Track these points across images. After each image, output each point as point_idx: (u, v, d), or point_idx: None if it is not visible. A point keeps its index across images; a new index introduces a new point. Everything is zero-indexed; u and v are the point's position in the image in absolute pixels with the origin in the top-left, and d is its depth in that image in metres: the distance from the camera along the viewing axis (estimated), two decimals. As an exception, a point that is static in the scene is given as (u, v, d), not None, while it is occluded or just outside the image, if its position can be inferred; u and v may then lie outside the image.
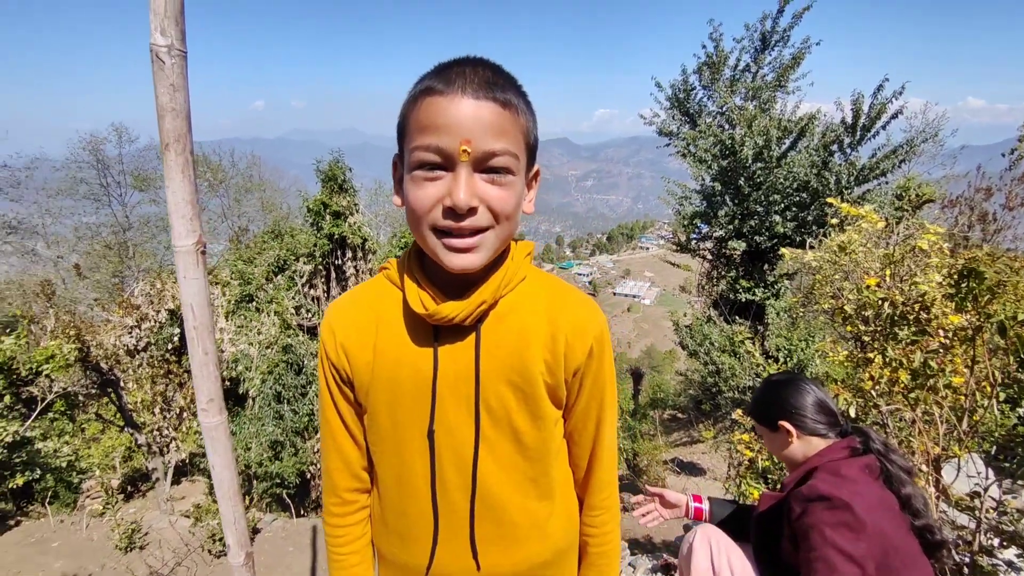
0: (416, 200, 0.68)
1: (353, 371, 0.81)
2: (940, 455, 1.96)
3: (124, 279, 16.36)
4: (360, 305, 0.83)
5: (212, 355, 0.94)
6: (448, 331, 0.77)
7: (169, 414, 7.74)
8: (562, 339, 0.79)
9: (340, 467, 0.88)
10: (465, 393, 0.78)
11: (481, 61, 0.69)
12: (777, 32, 8.66)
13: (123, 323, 7.26)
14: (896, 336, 2.13)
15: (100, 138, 16.84)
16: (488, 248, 0.70)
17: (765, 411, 1.43)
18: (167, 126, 0.82)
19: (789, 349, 7.59)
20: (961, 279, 1.82)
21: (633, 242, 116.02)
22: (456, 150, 0.64)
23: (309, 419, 7.69)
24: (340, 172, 8.00)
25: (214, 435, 0.98)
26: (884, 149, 7.70)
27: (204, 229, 3.83)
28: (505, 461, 0.81)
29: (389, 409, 0.80)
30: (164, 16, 0.78)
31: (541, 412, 0.80)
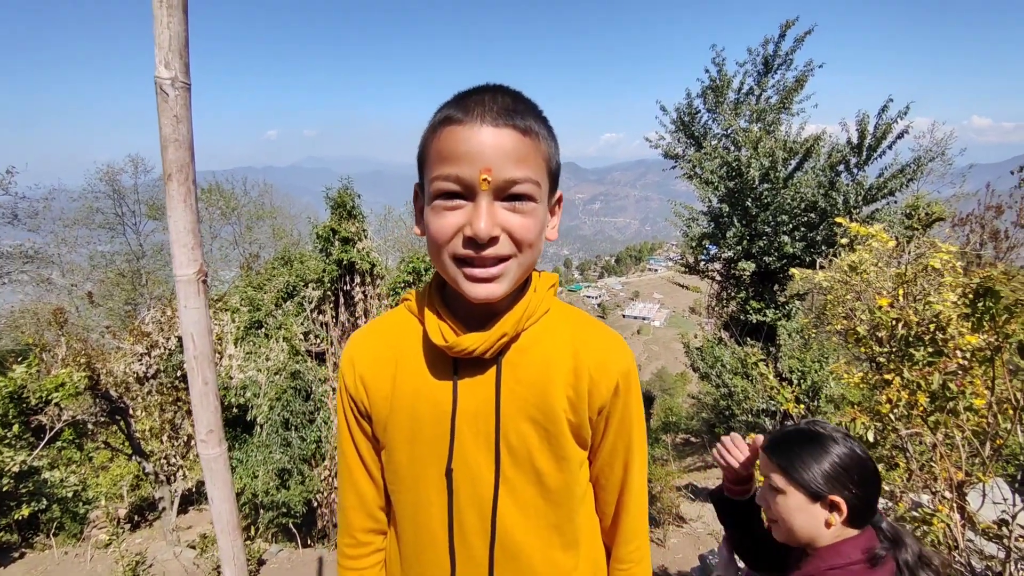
0: (437, 230, 0.67)
1: (371, 404, 0.79)
2: (964, 481, 1.89)
3: (136, 306, 16.59)
4: (380, 337, 0.82)
5: (212, 385, 0.93)
6: (468, 364, 0.75)
7: (177, 442, 7.72)
8: (586, 375, 0.75)
9: (356, 505, 0.85)
10: (485, 430, 0.75)
11: (500, 88, 0.68)
12: (779, 56, 8.77)
13: (133, 350, 7.31)
14: (912, 357, 2.07)
15: (117, 169, 17.34)
16: (511, 277, 0.69)
17: (827, 472, 1.00)
18: (170, 156, 0.83)
19: (802, 371, 7.45)
20: (977, 298, 1.78)
21: (641, 264, 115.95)
22: (476, 179, 0.63)
23: (316, 446, 7.62)
24: (349, 198, 8.10)
25: (213, 467, 0.96)
26: (892, 168, 7.69)
27: (216, 256, 3.86)
28: (527, 505, 0.76)
29: (407, 445, 0.78)
30: (168, 50, 0.80)
31: (565, 452, 0.76)
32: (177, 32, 0.80)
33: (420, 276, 8.78)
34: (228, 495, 0.98)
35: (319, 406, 7.81)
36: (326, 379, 8.04)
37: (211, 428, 0.94)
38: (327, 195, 8.27)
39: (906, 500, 2.08)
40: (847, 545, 0.99)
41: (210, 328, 0.91)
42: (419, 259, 8.96)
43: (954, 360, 1.83)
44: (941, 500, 1.88)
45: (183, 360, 7.43)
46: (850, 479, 1.00)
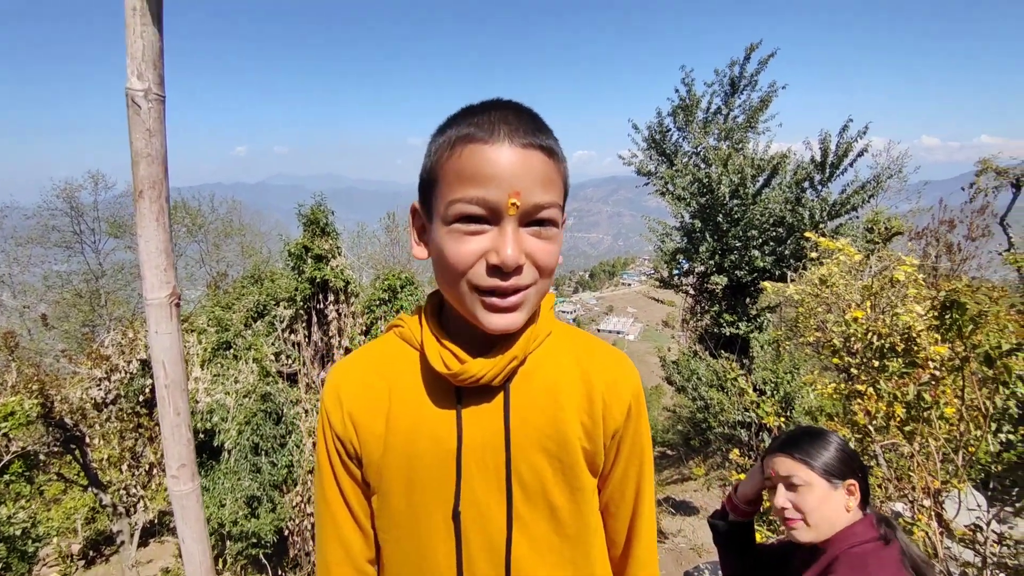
0: (455, 255, 0.61)
1: (362, 445, 0.71)
2: (940, 489, 1.92)
3: (95, 328, 15.86)
4: (369, 367, 0.74)
5: (184, 416, 0.86)
6: (472, 393, 0.69)
7: (138, 471, 7.34)
8: (599, 399, 0.71)
9: (341, 559, 0.74)
10: (494, 465, 0.69)
11: (518, 105, 0.65)
12: (745, 77, 9.13)
13: (91, 375, 6.96)
14: (886, 368, 2.12)
15: (75, 185, 16.70)
16: (530, 306, 0.65)
17: (839, 456, 1.11)
18: (142, 172, 0.78)
19: (775, 382, 7.60)
20: (944, 310, 1.84)
21: (615, 279, 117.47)
22: (504, 203, 0.59)
23: (288, 471, 7.35)
24: (322, 215, 7.98)
25: (185, 504, 0.89)
26: (853, 185, 8.02)
27: (181, 275, 3.71)
28: (541, 543, 0.71)
29: (405, 489, 0.70)
30: (141, 60, 0.75)
31: (580, 483, 0.71)
32: (151, 42, 0.76)
33: (395, 294, 8.66)
34: (201, 535, 0.91)
35: (291, 429, 7.55)
36: (298, 401, 7.80)
37: (183, 462, 0.87)
38: (299, 212, 8.13)
39: (886, 510, 2.11)
40: (859, 526, 1.06)
41: (183, 355, 0.85)
42: (394, 276, 8.85)
43: (927, 371, 1.88)
44: (920, 509, 1.92)
45: (145, 384, 7.13)
46: (856, 463, 1.12)
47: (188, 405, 0.85)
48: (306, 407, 7.73)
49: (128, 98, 0.76)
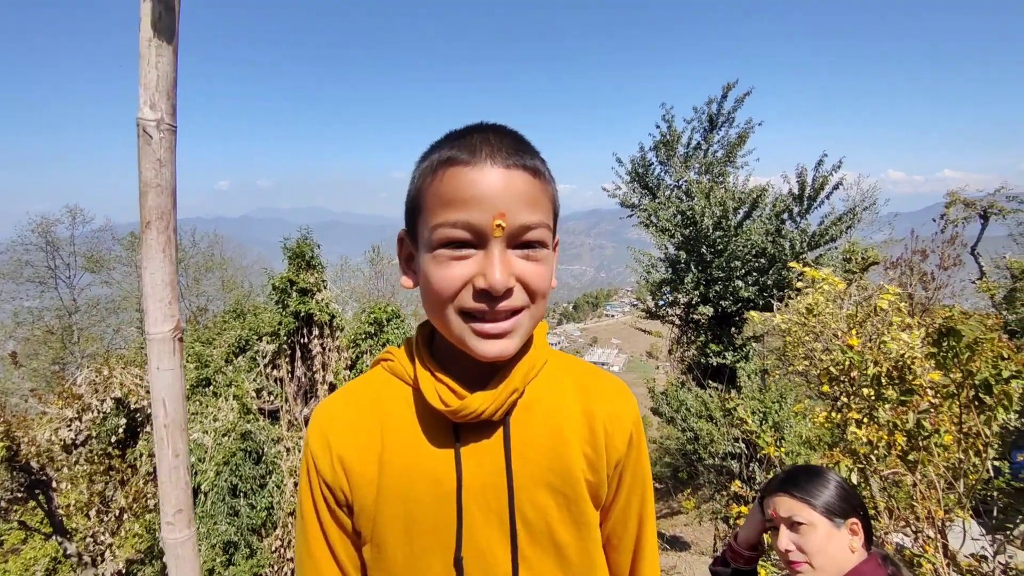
0: (441, 281, 0.59)
1: (353, 491, 0.66)
2: (944, 519, 1.91)
3: (65, 366, 15.31)
4: (357, 406, 0.69)
5: (183, 458, 0.81)
6: (470, 429, 0.65)
7: (107, 516, 6.93)
8: (600, 429, 0.68)
9: None
10: (496, 505, 0.65)
11: (501, 127, 0.63)
12: (723, 114, 9.49)
13: (61, 415, 6.64)
14: (882, 396, 2.13)
15: (52, 220, 16.42)
16: (523, 331, 0.62)
17: (840, 494, 1.09)
18: (150, 203, 0.75)
19: (763, 411, 7.60)
20: (941, 338, 1.87)
21: (599, 310, 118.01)
22: (489, 225, 0.56)
23: (268, 513, 7.02)
24: (308, 248, 7.91)
25: (179, 552, 0.83)
26: (831, 216, 8.28)
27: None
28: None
29: (403, 536, 0.65)
30: (155, 90, 0.74)
31: (585, 518, 0.68)
32: (165, 72, 0.75)
33: (382, 327, 8.53)
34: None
35: (271, 468, 7.26)
36: (279, 439, 7.53)
37: (180, 508, 0.82)
38: (284, 245, 8.05)
39: (890, 542, 2.08)
40: (866, 567, 1.03)
41: (184, 392, 0.81)
42: (380, 309, 8.74)
43: (925, 399, 1.89)
44: (926, 540, 1.89)
45: (119, 424, 6.83)
46: (857, 501, 1.11)
47: (187, 446, 0.80)
48: (288, 445, 7.46)
49: (139, 128, 0.74)
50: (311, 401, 8.12)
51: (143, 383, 7.05)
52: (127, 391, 6.76)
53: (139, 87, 0.74)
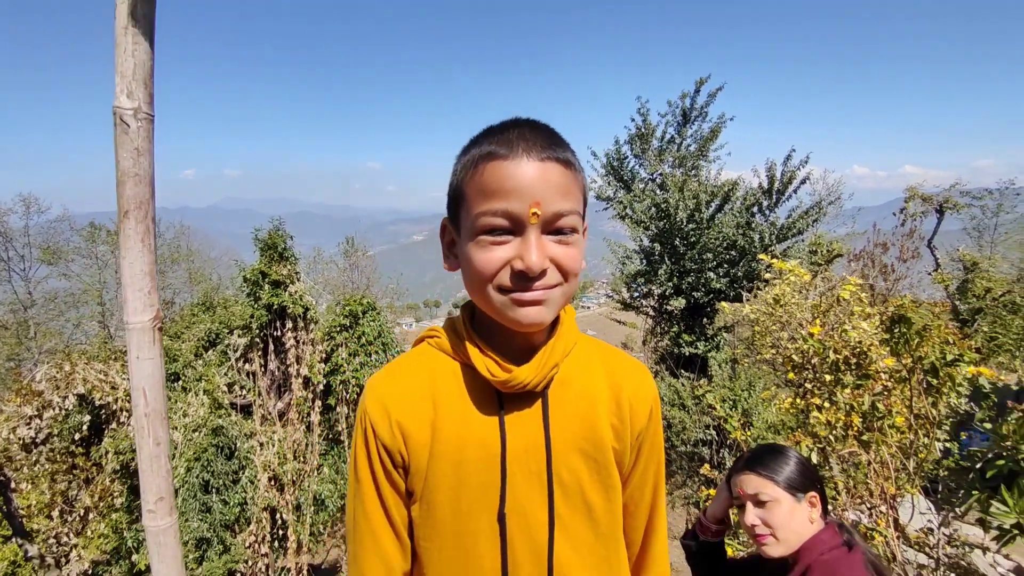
0: (482, 263, 0.66)
1: (411, 453, 0.72)
2: (896, 495, 2.03)
3: (21, 362, 14.67)
4: (411, 378, 0.76)
5: (164, 446, 0.82)
6: (513, 400, 0.72)
7: (71, 517, 6.72)
8: (626, 403, 0.77)
9: (380, 573, 0.75)
10: (536, 468, 0.72)
11: (535, 122, 0.69)
12: (696, 108, 9.65)
13: (20, 413, 6.38)
14: (841, 381, 2.25)
15: (3, 209, 15.63)
16: (555, 304, 0.68)
17: (800, 470, 1.18)
18: (128, 192, 0.75)
19: (733, 399, 7.83)
20: (892, 325, 1.98)
21: (575, 301, 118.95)
22: (526, 214, 0.63)
23: (241, 509, 6.91)
24: (281, 240, 7.74)
25: (162, 540, 0.84)
26: (798, 210, 8.53)
27: (122, 305, 3.60)
28: (580, 542, 0.74)
29: (452, 494, 0.72)
30: (132, 78, 0.74)
31: (612, 481, 0.76)
32: (142, 60, 0.74)
33: (357, 320, 8.45)
34: (179, 572, 0.85)
35: (244, 464, 7.14)
36: (252, 434, 7.40)
37: (161, 495, 0.82)
38: (256, 236, 7.87)
39: (847, 518, 2.20)
40: (825, 535, 1.13)
41: (164, 382, 0.82)
42: (355, 302, 8.65)
43: (879, 382, 2.00)
44: (879, 515, 2.01)
45: (82, 421, 6.61)
46: (815, 474, 1.21)
47: (168, 434, 0.81)
48: (261, 440, 7.35)
49: (116, 116, 0.74)
50: (285, 395, 8.00)
51: (107, 379, 6.83)
52: (90, 387, 6.53)
53: (115, 75, 0.73)
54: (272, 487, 7.20)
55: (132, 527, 6.66)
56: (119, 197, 0.76)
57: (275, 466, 7.19)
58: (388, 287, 18.93)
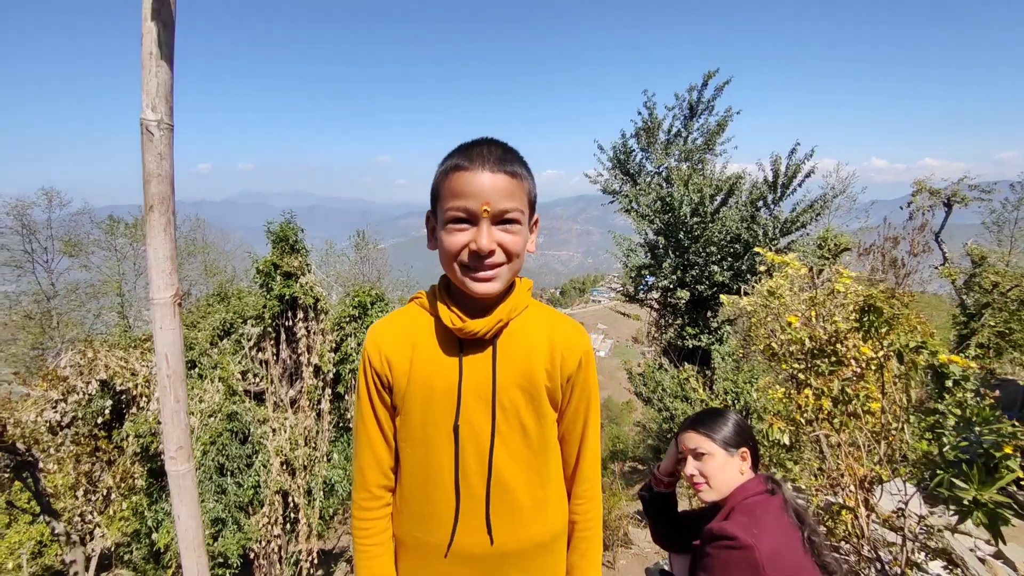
0: (449, 244, 0.90)
1: (394, 378, 0.99)
2: (866, 476, 2.14)
3: (45, 351, 15.15)
4: (398, 326, 1.03)
5: (183, 403, 0.98)
6: (471, 345, 0.97)
7: (94, 496, 7.04)
8: (559, 353, 1.01)
9: (373, 464, 1.02)
10: (484, 396, 0.97)
11: (493, 141, 0.93)
12: (703, 102, 9.65)
13: (46, 397, 6.69)
14: (819, 368, 2.35)
15: (27, 202, 16.06)
16: (503, 279, 0.93)
17: (735, 430, 1.38)
18: (152, 190, 0.90)
19: (736, 392, 7.91)
20: (863, 314, 2.08)
21: (585, 295, 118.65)
22: (479, 210, 0.87)
23: (254, 492, 7.18)
24: (292, 233, 7.95)
25: (181, 483, 1.00)
26: (802, 204, 8.52)
27: (139, 296, 3.82)
28: (515, 452, 0.99)
29: (422, 408, 0.98)
30: (155, 95, 0.89)
31: (543, 411, 1.01)
32: (164, 80, 0.89)
33: (366, 310, 8.65)
34: (195, 512, 1.01)
35: (257, 449, 7.40)
36: (265, 420, 7.65)
37: (180, 445, 0.98)
38: (268, 229, 8.08)
39: (820, 498, 2.31)
40: (751, 484, 1.33)
41: (183, 349, 0.97)
42: (364, 293, 8.85)
43: (849, 368, 2.11)
44: (848, 494, 2.12)
45: (105, 406, 6.90)
46: (748, 434, 1.41)
47: (186, 393, 0.96)
48: (274, 426, 7.60)
49: (143, 127, 0.89)
50: (296, 383, 8.24)
51: (127, 366, 7.12)
52: (112, 373, 6.82)
53: (142, 92, 0.88)
54: (284, 471, 7.46)
55: (152, 508, 6.96)
56: (145, 194, 0.91)
57: (287, 451, 7.45)
58: (399, 280, 19.19)
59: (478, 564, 0.99)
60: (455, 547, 0.99)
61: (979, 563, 2.98)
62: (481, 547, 0.99)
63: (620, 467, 14.32)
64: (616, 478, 10.97)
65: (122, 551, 9.41)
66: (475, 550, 0.99)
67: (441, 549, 0.99)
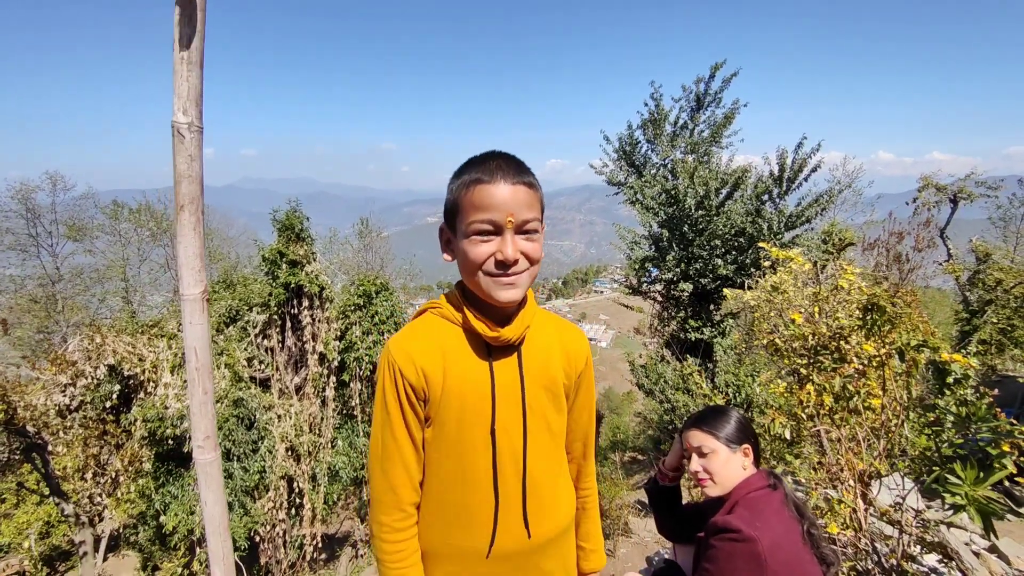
0: (475, 255, 0.94)
1: (429, 388, 1.01)
2: (865, 471, 2.18)
3: (51, 334, 15.27)
4: (426, 337, 1.04)
5: (210, 394, 1.02)
6: (499, 351, 1.03)
7: (103, 479, 7.17)
8: (571, 353, 1.12)
9: (405, 482, 1.02)
10: (514, 398, 1.03)
11: (505, 155, 0.97)
12: (710, 94, 9.58)
13: (55, 381, 6.79)
14: (821, 364, 2.39)
15: (31, 186, 16.07)
16: (524, 284, 0.98)
17: (737, 427, 1.43)
18: (183, 190, 0.94)
19: (737, 384, 7.97)
20: (865, 312, 2.10)
21: (588, 286, 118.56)
22: (504, 221, 0.92)
23: (260, 477, 7.29)
24: (297, 220, 7.98)
25: (208, 471, 1.04)
26: (808, 198, 8.50)
27: (145, 280, 3.87)
28: (541, 447, 1.07)
29: (457, 416, 1.01)
30: (187, 99, 0.92)
31: (561, 407, 1.10)
32: (194, 85, 0.92)
33: (370, 299, 8.70)
34: (220, 498, 1.06)
35: (263, 435, 7.50)
36: (270, 406, 7.75)
37: (208, 434, 1.02)
38: (274, 217, 8.12)
39: (819, 492, 2.36)
40: (753, 479, 1.38)
41: (210, 342, 1.01)
42: (369, 282, 8.90)
43: (851, 365, 2.14)
44: (847, 488, 2.16)
45: (113, 391, 6.99)
46: (750, 431, 1.46)
47: (213, 385, 1.00)
48: (279, 412, 7.69)
49: (174, 129, 0.92)
50: (301, 370, 8.32)
51: (135, 351, 7.20)
52: (120, 358, 6.90)
53: (173, 96, 0.91)
54: (289, 457, 7.57)
55: (160, 491, 7.08)
56: (176, 195, 0.94)
57: (292, 437, 7.55)
58: (402, 268, 19.23)
59: (517, 559, 1.05)
60: (496, 547, 1.03)
61: (974, 557, 3.03)
62: (520, 543, 1.04)
63: (620, 457, 14.44)
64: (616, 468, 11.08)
65: (128, 533, 9.58)
66: (514, 547, 1.04)
67: (482, 551, 1.03)
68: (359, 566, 9.13)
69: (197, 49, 0.90)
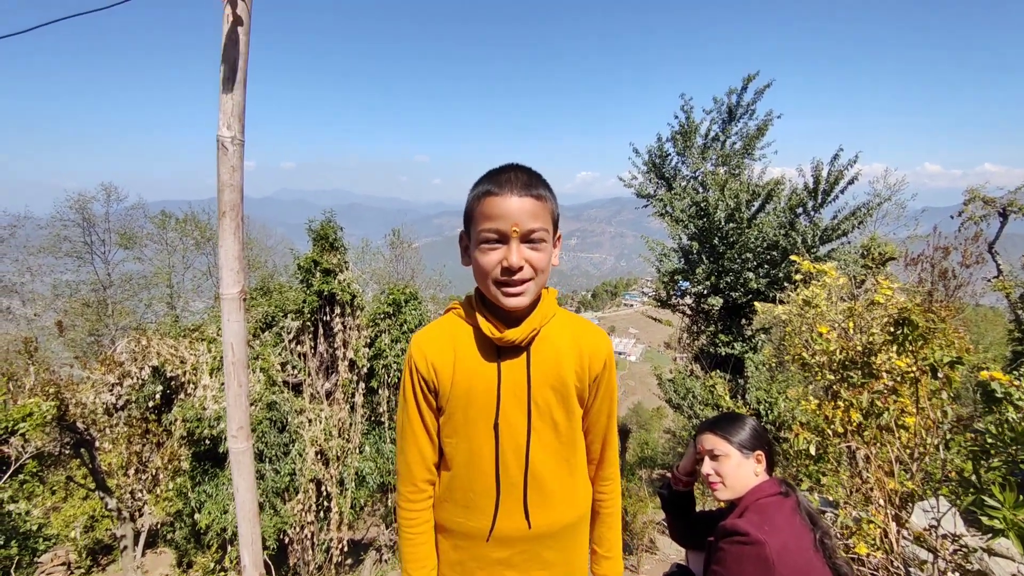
0: (484, 263, 1.02)
1: (439, 382, 1.10)
2: (896, 490, 2.11)
3: (100, 337, 16.09)
4: (441, 335, 1.13)
5: (245, 387, 1.09)
6: (507, 351, 1.09)
7: (144, 475, 7.48)
8: (586, 356, 1.13)
9: (418, 460, 1.14)
10: (520, 396, 1.09)
11: (520, 167, 1.03)
12: (742, 106, 9.46)
13: (104, 380, 7.16)
14: (851, 379, 2.33)
15: (88, 197, 17.07)
16: (531, 292, 1.04)
17: (751, 433, 1.45)
18: (225, 198, 1.02)
19: (769, 402, 7.75)
20: (897, 327, 2.05)
21: (617, 299, 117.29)
22: (509, 230, 0.98)
23: (290, 479, 7.48)
24: (332, 231, 8.24)
25: (241, 460, 1.11)
26: (844, 211, 8.26)
27: (188, 287, 4.10)
28: (547, 445, 1.12)
29: (464, 408, 1.10)
30: (231, 114, 1.00)
31: (572, 408, 1.13)
32: (238, 102, 1.00)
33: (400, 308, 8.88)
34: (251, 485, 1.13)
35: (294, 438, 7.70)
36: (302, 410, 7.96)
37: (242, 425, 1.10)
38: (309, 227, 8.40)
39: (847, 511, 2.28)
40: (765, 485, 1.39)
41: (247, 339, 1.08)
42: (399, 291, 9.09)
43: (880, 381, 2.08)
44: (877, 508, 2.10)
45: (156, 391, 7.31)
46: (764, 438, 1.47)
47: (248, 379, 1.07)
48: (310, 416, 7.89)
49: (219, 143, 1.00)
50: (332, 376, 8.53)
51: (177, 354, 7.53)
52: (163, 360, 7.23)
53: (219, 112, 1.00)
54: (318, 461, 7.74)
55: (195, 490, 7.35)
56: (219, 202, 1.03)
57: (321, 441, 7.72)
58: (432, 278, 19.52)
59: (516, 545, 1.12)
60: (496, 531, 1.11)
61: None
62: (519, 531, 1.11)
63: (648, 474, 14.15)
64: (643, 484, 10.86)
65: (165, 530, 9.94)
66: (514, 534, 1.12)
67: (483, 533, 1.12)
68: (383, 571, 9.21)
69: (241, 69, 0.98)
